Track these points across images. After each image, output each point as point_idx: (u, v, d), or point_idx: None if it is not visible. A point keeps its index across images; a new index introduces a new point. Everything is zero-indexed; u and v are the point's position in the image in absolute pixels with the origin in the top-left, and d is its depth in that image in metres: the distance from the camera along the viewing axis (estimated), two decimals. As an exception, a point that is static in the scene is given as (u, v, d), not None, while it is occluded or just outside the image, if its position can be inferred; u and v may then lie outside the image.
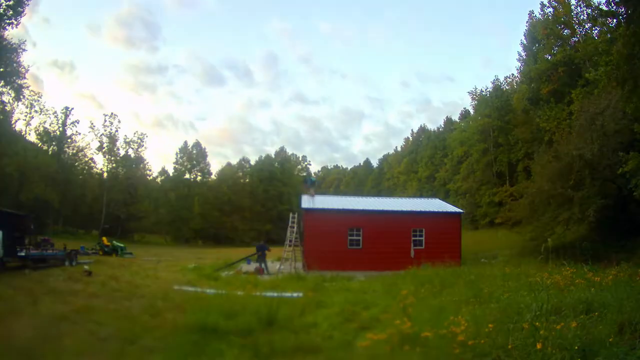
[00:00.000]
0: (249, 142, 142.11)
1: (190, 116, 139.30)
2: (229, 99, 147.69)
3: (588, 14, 28.35)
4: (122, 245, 28.60)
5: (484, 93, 48.00)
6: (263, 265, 17.45)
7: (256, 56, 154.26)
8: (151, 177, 67.51)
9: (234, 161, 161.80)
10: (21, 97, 33.95)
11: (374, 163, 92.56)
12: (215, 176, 71.06)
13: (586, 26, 30.20)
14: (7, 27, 24.00)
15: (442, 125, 68.79)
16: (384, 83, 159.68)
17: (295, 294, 9.98)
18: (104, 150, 55.95)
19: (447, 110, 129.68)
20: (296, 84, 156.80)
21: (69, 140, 50.94)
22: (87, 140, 54.16)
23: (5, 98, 33.31)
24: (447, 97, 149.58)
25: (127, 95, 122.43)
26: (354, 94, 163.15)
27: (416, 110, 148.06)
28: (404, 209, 23.07)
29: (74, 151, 51.89)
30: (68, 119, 50.35)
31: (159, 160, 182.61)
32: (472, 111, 53.32)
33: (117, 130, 56.82)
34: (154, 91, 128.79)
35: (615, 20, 15.36)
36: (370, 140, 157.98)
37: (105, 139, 55.84)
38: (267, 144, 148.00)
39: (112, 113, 61.43)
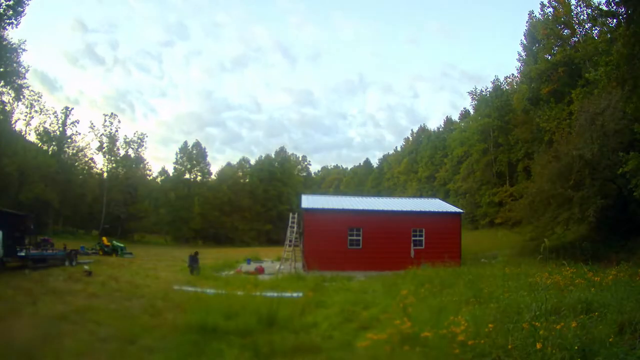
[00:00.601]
0: (220, 123, 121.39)
1: (148, 93, 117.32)
2: (194, 62, 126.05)
3: (588, 14, 28.46)
4: (122, 245, 28.60)
5: (484, 93, 48.04)
6: (195, 272, 17.21)
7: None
8: (151, 177, 67.65)
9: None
10: (21, 97, 34.04)
11: (374, 162, 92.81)
12: (215, 176, 71.23)
13: (586, 26, 30.28)
14: (7, 27, 24.02)
15: (442, 125, 69.02)
16: (388, 42, 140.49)
17: (295, 294, 9.98)
18: (104, 150, 56.04)
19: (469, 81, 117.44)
20: (277, 34, 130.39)
21: (69, 140, 50.94)
22: (87, 140, 54.29)
23: (5, 98, 33.42)
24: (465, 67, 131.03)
25: (74, 71, 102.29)
26: (350, 54, 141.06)
27: (430, 76, 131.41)
28: (404, 209, 23.07)
29: (74, 151, 51.87)
30: (68, 119, 50.47)
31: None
32: (472, 111, 53.37)
33: (117, 130, 57.06)
34: (102, 61, 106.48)
35: (615, 20, 15.42)
36: (374, 120, 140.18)
37: (105, 139, 55.94)
38: (244, 125, 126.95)
39: (112, 113, 61.68)
